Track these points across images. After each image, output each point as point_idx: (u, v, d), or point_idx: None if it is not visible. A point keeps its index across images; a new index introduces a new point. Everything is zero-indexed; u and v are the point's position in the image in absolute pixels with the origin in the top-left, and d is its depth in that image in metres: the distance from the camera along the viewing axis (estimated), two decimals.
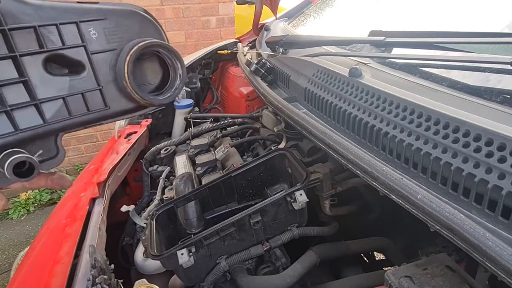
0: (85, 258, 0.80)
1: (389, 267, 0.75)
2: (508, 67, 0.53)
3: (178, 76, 0.51)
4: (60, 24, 0.41)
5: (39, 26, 0.40)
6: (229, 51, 1.83)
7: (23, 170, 0.39)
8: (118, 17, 0.45)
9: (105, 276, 0.70)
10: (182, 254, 0.74)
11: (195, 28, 3.30)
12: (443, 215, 0.46)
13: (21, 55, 0.39)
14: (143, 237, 0.98)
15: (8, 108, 0.39)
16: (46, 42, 0.40)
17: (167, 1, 3.08)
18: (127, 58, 0.44)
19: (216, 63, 1.93)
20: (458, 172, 0.46)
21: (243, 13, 3.95)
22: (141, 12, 0.48)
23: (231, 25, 3.44)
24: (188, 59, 1.78)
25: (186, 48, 3.31)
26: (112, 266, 0.79)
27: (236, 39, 1.95)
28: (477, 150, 0.45)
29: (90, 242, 0.85)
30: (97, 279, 0.68)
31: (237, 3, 4.01)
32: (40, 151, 0.42)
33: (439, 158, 0.49)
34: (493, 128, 0.45)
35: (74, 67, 0.43)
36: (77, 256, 0.83)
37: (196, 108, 1.73)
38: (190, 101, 1.70)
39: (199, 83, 1.80)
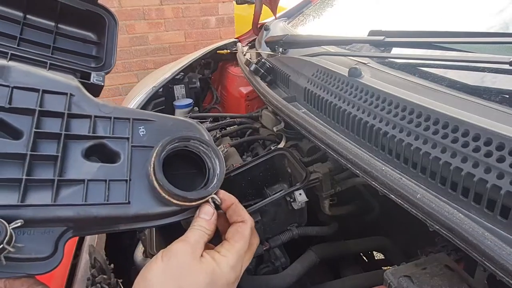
0: (84, 258, 0.80)
1: (388, 267, 0.75)
2: (507, 67, 0.53)
3: (216, 175, 0.46)
4: (115, 118, 0.41)
5: (96, 116, 0.40)
6: (229, 51, 1.82)
7: None
8: (167, 120, 0.46)
9: (104, 276, 0.70)
10: None
11: (195, 28, 3.30)
12: (442, 215, 0.46)
13: (68, 137, 0.38)
14: (143, 237, 0.98)
15: (24, 177, 0.34)
16: (96, 130, 0.40)
17: (166, 1, 3.08)
18: (156, 150, 0.41)
19: (216, 63, 1.93)
20: (457, 172, 0.46)
21: (243, 13, 3.94)
22: (189, 120, 0.48)
23: (231, 25, 3.44)
24: (187, 59, 1.78)
25: (186, 48, 3.31)
26: (112, 266, 0.79)
27: (235, 39, 1.94)
28: (476, 149, 0.45)
29: (89, 242, 0.85)
30: (96, 278, 0.69)
31: (237, 3, 4.00)
32: (23, 245, 0.33)
33: (438, 158, 0.49)
34: (492, 127, 0.45)
35: (110, 157, 0.41)
36: (76, 256, 0.83)
37: (196, 108, 1.73)
38: (190, 101, 1.71)
39: (198, 83, 1.80)
